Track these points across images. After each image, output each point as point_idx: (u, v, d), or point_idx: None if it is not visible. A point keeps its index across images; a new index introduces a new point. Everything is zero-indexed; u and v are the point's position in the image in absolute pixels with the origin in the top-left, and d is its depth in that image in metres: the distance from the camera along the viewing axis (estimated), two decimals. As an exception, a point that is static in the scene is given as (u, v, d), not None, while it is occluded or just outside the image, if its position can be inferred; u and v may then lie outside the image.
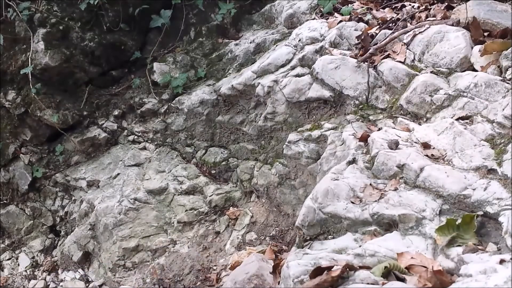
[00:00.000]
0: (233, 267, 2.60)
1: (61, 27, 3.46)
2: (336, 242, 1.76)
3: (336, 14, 3.10)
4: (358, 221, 1.79)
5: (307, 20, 3.17)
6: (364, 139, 2.19)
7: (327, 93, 2.66)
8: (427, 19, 2.68)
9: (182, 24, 3.61)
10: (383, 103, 2.48)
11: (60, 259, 3.50)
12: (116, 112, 3.66)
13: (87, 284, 3.30)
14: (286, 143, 2.75)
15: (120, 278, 3.12)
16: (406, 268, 1.44)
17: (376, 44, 2.63)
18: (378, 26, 2.83)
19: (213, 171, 3.33)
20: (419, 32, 2.53)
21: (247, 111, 3.17)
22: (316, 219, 1.88)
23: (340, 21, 2.93)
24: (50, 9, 3.47)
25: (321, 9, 3.20)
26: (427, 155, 1.93)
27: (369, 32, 2.77)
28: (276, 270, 2.07)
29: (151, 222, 3.19)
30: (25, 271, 3.57)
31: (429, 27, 2.52)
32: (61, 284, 3.41)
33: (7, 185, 3.76)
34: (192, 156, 3.43)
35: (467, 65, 2.30)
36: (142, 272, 3.07)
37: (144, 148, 3.56)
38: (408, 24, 2.69)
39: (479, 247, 1.46)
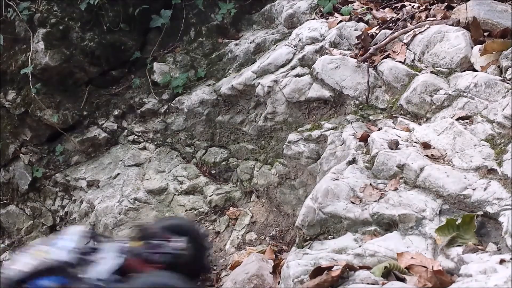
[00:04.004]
0: (233, 267, 2.60)
1: (61, 27, 3.46)
2: (336, 242, 1.76)
3: (336, 14, 3.10)
4: (358, 221, 1.79)
5: (307, 20, 3.17)
6: (364, 139, 2.19)
7: (327, 93, 2.66)
8: (427, 19, 2.68)
9: (182, 24, 3.61)
10: (383, 103, 2.48)
11: (60, 259, 3.49)
12: (116, 112, 3.66)
13: (87, 284, 3.30)
14: (286, 143, 2.75)
15: (120, 278, 3.12)
16: (406, 268, 1.44)
17: (376, 44, 2.63)
18: (378, 26, 2.83)
19: (213, 171, 3.33)
20: (419, 32, 2.53)
21: (247, 111, 3.17)
22: (316, 219, 1.88)
23: (340, 21, 2.93)
24: (50, 9, 3.47)
25: (321, 9, 3.20)
26: (427, 155, 1.93)
27: (369, 32, 2.77)
28: (276, 270, 2.08)
29: (151, 222, 3.19)
30: (25, 271, 3.56)
31: (429, 27, 2.52)
32: (61, 284, 3.40)
33: (7, 185, 3.76)
34: (192, 156, 3.43)
35: (467, 65, 2.30)
36: (142, 272, 3.06)
37: (144, 148, 3.56)
38: (408, 24, 2.69)
39: (479, 247, 1.46)
